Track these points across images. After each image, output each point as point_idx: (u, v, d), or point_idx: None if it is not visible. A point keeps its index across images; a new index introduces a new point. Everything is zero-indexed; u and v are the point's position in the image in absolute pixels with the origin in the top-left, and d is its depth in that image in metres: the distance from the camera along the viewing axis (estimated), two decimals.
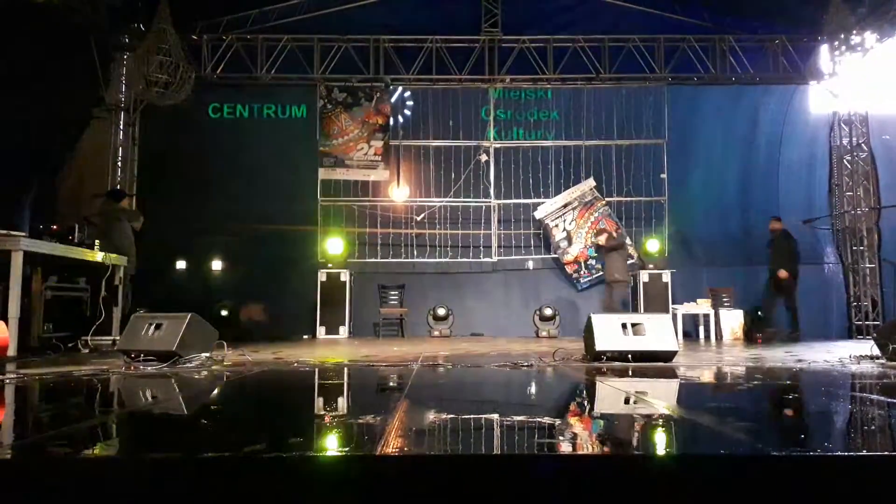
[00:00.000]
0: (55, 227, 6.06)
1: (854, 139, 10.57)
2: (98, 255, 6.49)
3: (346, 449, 1.81)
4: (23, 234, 5.51)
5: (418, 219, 10.50)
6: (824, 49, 8.78)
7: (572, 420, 2.42)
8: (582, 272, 10.50)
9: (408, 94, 10.85)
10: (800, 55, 10.19)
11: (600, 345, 4.79)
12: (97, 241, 6.57)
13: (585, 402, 3.11)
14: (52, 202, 8.48)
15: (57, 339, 6.07)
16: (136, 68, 8.55)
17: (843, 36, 8.52)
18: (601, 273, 10.32)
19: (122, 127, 10.28)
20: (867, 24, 8.87)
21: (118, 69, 10.26)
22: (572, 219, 10.50)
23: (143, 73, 8.40)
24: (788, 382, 3.64)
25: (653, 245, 10.02)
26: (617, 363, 4.69)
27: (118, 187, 9.50)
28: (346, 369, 4.48)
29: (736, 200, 10.66)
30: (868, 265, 10.36)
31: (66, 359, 5.28)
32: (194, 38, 10.24)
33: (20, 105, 7.40)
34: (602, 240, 9.54)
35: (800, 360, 5.11)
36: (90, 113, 9.70)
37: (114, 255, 6.79)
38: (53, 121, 8.33)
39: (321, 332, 9.64)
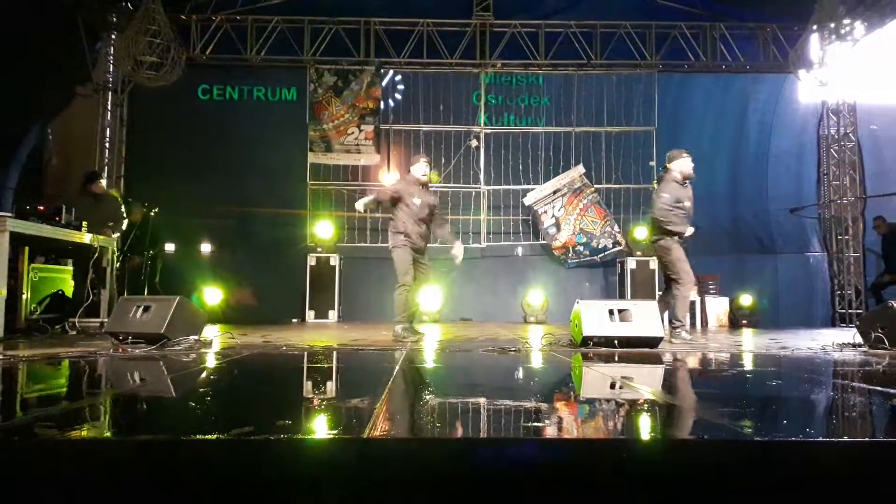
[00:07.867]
0: (42, 208, 6.00)
1: (841, 129, 10.64)
2: (85, 237, 6.44)
3: (335, 432, 1.83)
4: (9, 214, 5.46)
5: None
6: (814, 38, 8.79)
7: (558, 404, 2.44)
8: (570, 255, 10.56)
9: (398, 77, 10.80)
10: (790, 44, 10.19)
11: (587, 330, 4.83)
12: (84, 223, 6.52)
13: (572, 387, 3.14)
14: (38, 182, 8.40)
15: (44, 321, 6.05)
16: (126, 49, 8.43)
17: (832, 25, 8.54)
18: (588, 257, 10.43)
19: (109, 107, 10.18)
20: (856, 14, 8.90)
21: (105, 48, 10.14)
22: (561, 205, 10.52)
23: (132, 53, 8.29)
24: (772, 369, 3.69)
25: (640, 232, 10.06)
26: (603, 348, 4.74)
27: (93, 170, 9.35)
28: (334, 353, 4.49)
29: (725, 189, 10.71)
30: (853, 254, 10.49)
31: (53, 340, 5.27)
32: (183, 17, 10.12)
33: (4, 84, 7.31)
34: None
35: (783, 347, 5.18)
36: (73, 91, 9.55)
37: (102, 237, 6.75)
38: (38, 100, 8.22)
39: (310, 316, 9.65)
